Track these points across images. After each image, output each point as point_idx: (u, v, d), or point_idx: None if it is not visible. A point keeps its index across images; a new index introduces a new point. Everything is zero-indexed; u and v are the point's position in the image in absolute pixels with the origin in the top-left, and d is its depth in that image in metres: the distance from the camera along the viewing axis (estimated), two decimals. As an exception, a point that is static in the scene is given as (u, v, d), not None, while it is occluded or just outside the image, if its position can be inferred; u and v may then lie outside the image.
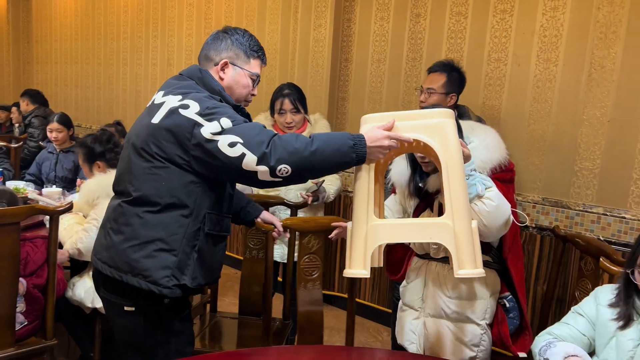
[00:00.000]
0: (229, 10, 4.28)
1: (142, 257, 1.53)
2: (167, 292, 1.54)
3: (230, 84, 1.67)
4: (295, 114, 2.68)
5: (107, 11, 5.50)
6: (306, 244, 2.20)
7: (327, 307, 3.75)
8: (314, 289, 2.20)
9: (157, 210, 1.54)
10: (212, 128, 1.48)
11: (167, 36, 4.86)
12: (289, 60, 3.83)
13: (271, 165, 1.45)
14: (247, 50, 1.68)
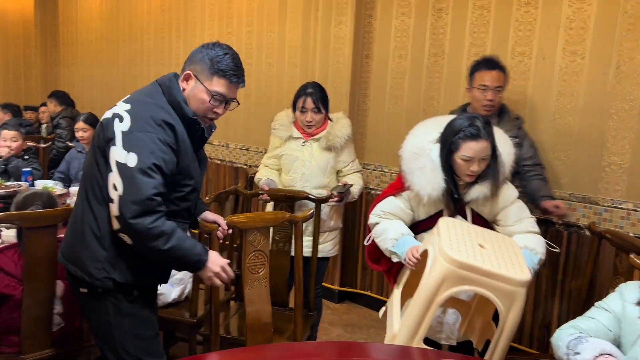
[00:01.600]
0: (250, 10, 4.30)
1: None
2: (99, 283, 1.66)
3: (189, 96, 1.69)
4: (316, 114, 2.68)
5: (132, 13, 5.59)
6: (252, 241, 2.10)
7: (349, 305, 3.74)
8: (261, 287, 2.13)
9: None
10: (119, 156, 1.55)
11: (189, 37, 4.91)
12: (310, 57, 3.83)
13: (118, 229, 1.57)
14: (211, 67, 1.66)
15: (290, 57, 4.03)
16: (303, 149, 2.72)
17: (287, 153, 2.75)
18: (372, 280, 3.69)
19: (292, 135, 2.74)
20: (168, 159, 1.60)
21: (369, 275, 3.70)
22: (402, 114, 3.45)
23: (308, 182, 2.71)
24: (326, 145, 2.70)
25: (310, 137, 2.72)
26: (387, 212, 2.05)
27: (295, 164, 2.72)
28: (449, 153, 1.89)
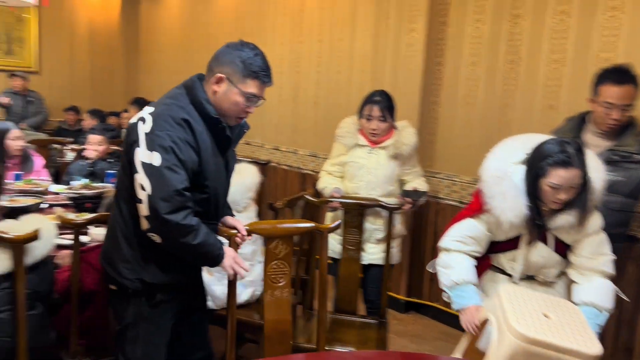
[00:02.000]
0: (321, 18, 4.37)
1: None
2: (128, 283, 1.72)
3: (221, 99, 1.71)
4: (382, 122, 2.68)
5: (208, 23, 5.82)
6: (273, 249, 2.02)
7: (415, 315, 3.68)
8: (282, 297, 2.06)
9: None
10: (143, 156, 1.59)
11: (261, 45, 4.98)
12: (380, 65, 3.82)
13: (147, 229, 1.62)
14: (244, 70, 1.69)
15: (359, 64, 4.05)
16: (369, 156, 2.73)
17: (352, 161, 2.75)
18: (439, 293, 3.61)
19: (359, 143, 2.75)
20: (189, 156, 1.64)
21: (436, 286, 3.62)
22: (474, 121, 3.37)
23: (374, 190, 2.71)
24: (394, 153, 2.71)
25: (377, 145, 2.72)
26: (465, 235, 1.96)
27: (361, 171, 2.72)
28: (535, 178, 1.78)
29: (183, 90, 1.74)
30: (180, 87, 1.77)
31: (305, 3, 4.50)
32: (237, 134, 1.85)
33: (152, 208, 1.58)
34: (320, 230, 2.11)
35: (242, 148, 5.29)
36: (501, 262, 1.99)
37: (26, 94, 6.06)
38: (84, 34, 7.39)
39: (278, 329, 2.05)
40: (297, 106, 4.65)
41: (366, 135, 2.74)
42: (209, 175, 1.72)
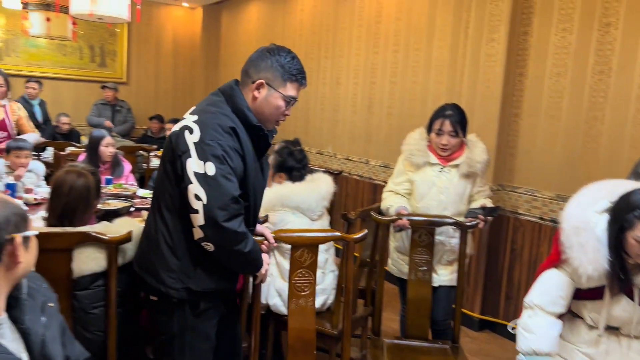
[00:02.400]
0: (397, 29, 4.36)
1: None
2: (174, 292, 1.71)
3: (262, 104, 1.73)
4: (453, 137, 2.53)
5: (285, 35, 5.98)
6: (298, 257, 2.03)
7: (489, 334, 3.56)
8: (306, 306, 2.05)
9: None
10: (196, 167, 1.59)
11: (337, 57, 5.11)
12: (457, 76, 3.76)
13: (201, 237, 1.62)
14: (284, 74, 1.72)
15: (436, 75, 4.00)
16: (440, 175, 2.57)
17: (422, 180, 2.59)
18: (516, 312, 3.47)
19: (429, 161, 2.58)
20: (238, 164, 1.66)
21: (512, 306, 3.49)
22: (558, 134, 3.22)
23: (446, 210, 2.55)
24: (467, 171, 2.55)
25: (449, 163, 2.57)
26: (554, 294, 1.79)
27: (432, 191, 2.57)
28: (619, 230, 1.63)
29: (222, 97, 1.76)
30: (218, 94, 1.78)
31: (382, 14, 4.52)
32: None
33: (209, 217, 1.58)
34: (346, 240, 2.09)
35: (314, 157, 5.36)
36: (581, 311, 1.82)
37: (115, 104, 6.50)
38: (168, 48, 7.83)
39: (302, 338, 2.06)
40: (371, 116, 4.66)
41: (436, 152, 2.59)
42: (250, 182, 1.73)
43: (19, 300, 1.17)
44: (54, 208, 1.88)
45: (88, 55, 7.25)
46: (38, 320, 1.19)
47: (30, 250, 1.15)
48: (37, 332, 1.18)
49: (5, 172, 3.21)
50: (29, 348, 1.16)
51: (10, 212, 1.10)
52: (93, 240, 1.76)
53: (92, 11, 3.20)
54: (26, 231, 1.13)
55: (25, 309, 1.18)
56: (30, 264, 1.16)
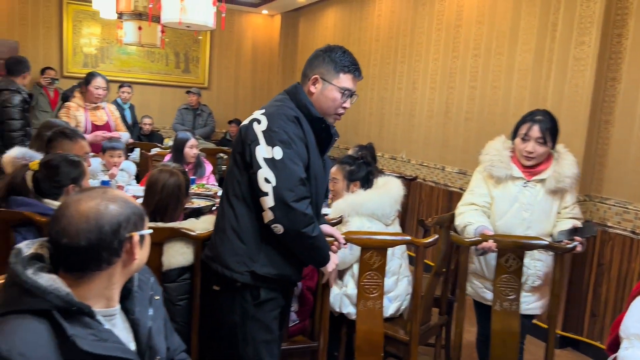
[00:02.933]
0: (478, 33, 4.25)
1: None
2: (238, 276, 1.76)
3: (319, 98, 1.82)
4: (540, 145, 2.27)
5: (361, 40, 6.00)
6: (367, 260, 2.04)
7: (572, 353, 3.37)
8: (374, 308, 2.04)
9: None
10: (265, 152, 1.69)
11: (414, 61, 5.06)
12: (543, 80, 3.60)
13: (271, 219, 1.68)
14: (336, 67, 1.81)
15: (519, 79, 3.86)
16: (524, 190, 2.31)
17: (503, 194, 2.33)
18: (602, 330, 3.27)
19: (513, 175, 2.32)
20: (302, 151, 1.74)
21: (598, 324, 3.28)
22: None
23: (529, 230, 2.28)
24: (554, 187, 2.28)
25: (534, 177, 2.31)
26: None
27: (514, 207, 2.31)
28: None
29: (286, 96, 1.86)
30: (282, 94, 1.88)
31: (462, 17, 4.42)
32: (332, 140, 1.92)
33: (278, 198, 1.66)
34: (416, 244, 2.06)
35: (387, 163, 5.33)
36: None
37: (197, 108, 6.81)
38: (248, 54, 8.10)
39: (369, 340, 2.06)
40: (448, 122, 4.57)
41: (520, 164, 2.33)
42: (312, 172, 1.79)
43: (131, 292, 1.25)
44: (147, 204, 2.00)
45: (173, 62, 7.65)
46: (146, 312, 1.27)
47: (145, 247, 1.22)
48: (145, 323, 1.25)
49: (101, 171, 3.45)
50: (137, 338, 1.23)
51: (131, 212, 1.16)
52: (181, 236, 1.86)
53: (181, 20, 3.38)
54: (143, 230, 1.19)
55: (136, 301, 1.25)
56: (144, 260, 1.23)
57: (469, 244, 2.20)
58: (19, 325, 1.02)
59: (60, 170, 1.99)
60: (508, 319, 2.21)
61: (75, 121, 3.94)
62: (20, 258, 1.10)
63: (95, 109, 4.10)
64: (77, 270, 1.12)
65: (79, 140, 2.56)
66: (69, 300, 1.06)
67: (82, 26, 7.08)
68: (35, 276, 1.07)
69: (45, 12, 6.88)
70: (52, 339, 1.04)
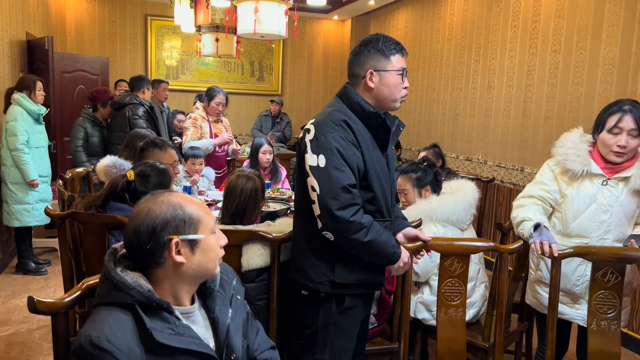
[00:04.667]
0: (557, 28, 4.07)
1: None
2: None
3: (380, 89, 1.79)
4: (635, 138, 2.02)
5: (432, 41, 5.92)
6: (448, 267, 1.97)
7: None
8: (456, 316, 1.96)
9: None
10: (311, 160, 1.70)
11: (488, 60, 4.92)
12: (631, 74, 3.38)
13: (321, 227, 1.70)
14: (385, 52, 1.78)
15: (603, 75, 3.65)
16: (603, 189, 2.09)
17: (578, 193, 2.11)
18: None
19: (591, 171, 2.09)
20: (352, 154, 1.71)
21: (699, 335, 3.03)
22: None
23: (610, 234, 2.09)
24: (639, 186, 2.05)
25: (615, 175, 2.08)
26: None
27: (591, 208, 2.10)
28: None
29: (338, 99, 1.85)
30: (335, 98, 1.87)
31: (540, 12, 4.25)
32: (394, 132, 1.86)
33: (323, 206, 1.67)
34: (500, 251, 1.98)
35: (462, 164, 5.21)
36: None
37: (277, 116, 7.08)
38: (319, 60, 8.22)
39: (451, 349, 2.01)
40: (527, 121, 4.40)
41: (601, 160, 2.11)
42: (371, 172, 1.76)
43: (213, 291, 1.33)
44: (227, 208, 2.10)
45: (248, 71, 7.92)
46: (226, 311, 1.33)
47: (201, 252, 1.24)
48: (224, 321, 1.32)
49: (184, 177, 3.66)
50: (216, 335, 1.30)
51: (172, 216, 1.20)
52: (259, 238, 1.94)
53: (255, 30, 3.51)
54: (191, 235, 1.22)
55: (217, 300, 1.33)
56: (202, 265, 1.25)
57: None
58: (108, 315, 1.14)
59: (151, 179, 2.17)
60: (608, 340, 2.01)
61: (201, 131, 4.23)
62: (114, 256, 1.22)
63: (216, 121, 4.39)
64: (138, 268, 1.22)
65: (168, 149, 2.74)
66: (149, 297, 1.16)
67: (164, 40, 7.52)
68: (123, 273, 1.18)
69: (132, 29, 7.38)
70: (134, 330, 1.14)
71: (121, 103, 4.50)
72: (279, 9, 3.60)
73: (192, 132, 4.19)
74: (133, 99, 4.50)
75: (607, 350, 2.00)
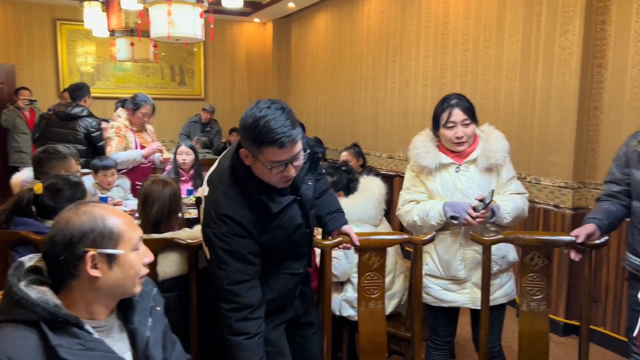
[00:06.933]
0: (465, 28, 4.28)
1: None
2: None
3: (255, 171, 1.65)
4: (467, 126, 2.15)
5: (352, 42, 6.04)
6: (366, 261, 2.03)
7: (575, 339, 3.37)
8: (376, 309, 2.04)
9: None
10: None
11: (404, 60, 5.09)
12: (531, 71, 3.63)
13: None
14: (256, 140, 1.56)
15: (508, 72, 3.88)
16: (459, 175, 2.18)
17: (442, 185, 2.20)
18: (604, 316, 3.28)
19: (442, 162, 2.19)
20: (233, 246, 1.65)
21: (601, 309, 3.29)
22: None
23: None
24: (487, 164, 2.17)
25: (465, 160, 2.19)
26: None
27: (455, 195, 2.18)
28: None
29: (230, 162, 1.69)
30: (229, 156, 1.71)
31: (449, 14, 4.46)
32: (309, 166, 1.79)
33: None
34: (414, 242, 2.05)
35: (385, 162, 5.36)
36: None
37: (207, 123, 6.98)
38: (242, 63, 8.16)
39: (373, 341, 2.05)
40: (442, 118, 4.59)
41: (447, 150, 2.22)
42: (267, 235, 1.70)
43: (132, 302, 1.29)
44: (147, 216, 2.03)
45: (169, 75, 7.72)
46: (146, 322, 1.29)
47: (119, 269, 1.20)
48: (143, 333, 1.28)
49: (97, 190, 3.48)
50: (134, 347, 1.26)
51: (90, 228, 1.16)
52: (175, 246, 1.89)
53: (169, 33, 3.43)
54: (110, 249, 1.18)
55: (136, 311, 1.28)
56: (120, 282, 1.21)
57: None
58: (11, 333, 1.09)
59: (63, 193, 2.06)
60: (537, 320, 2.12)
61: (126, 142, 3.93)
62: (18, 271, 1.16)
63: (141, 130, 4.08)
64: (53, 280, 1.19)
65: (68, 159, 2.59)
66: (55, 312, 1.11)
67: (76, 45, 7.17)
68: (27, 288, 1.12)
69: (40, 34, 6.98)
70: (40, 347, 1.09)
71: (72, 115, 4.14)
72: (194, 12, 3.54)
73: (116, 142, 3.88)
74: (83, 111, 4.18)
75: (536, 330, 2.11)
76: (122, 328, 1.27)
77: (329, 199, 2.04)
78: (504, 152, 2.18)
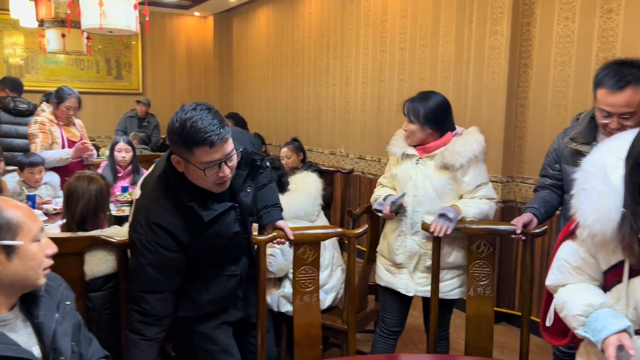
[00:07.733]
0: (403, 27, 4.38)
1: None
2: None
3: (189, 176, 1.67)
4: (411, 123, 2.29)
5: (294, 39, 6.05)
6: (301, 255, 2.06)
7: (505, 327, 3.55)
8: (311, 302, 2.10)
9: None
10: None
11: (345, 57, 5.15)
12: (464, 70, 3.76)
13: None
14: (185, 143, 1.57)
15: (442, 70, 4.01)
16: (417, 167, 2.26)
17: (402, 173, 2.32)
18: (532, 303, 3.45)
19: (407, 153, 2.30)
20: (158, 257, 1.69)
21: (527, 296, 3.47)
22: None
23: (420, 207, 2.24)
24: (442, 163, 2.20)
25: (426, 154, 2.26)
26: (568, 266, 1.47)
27: (408, 185, 2.27)
28: (636, 165, 1.24)
29: (162, 169, 1.71)
30: (162, 167, 1.72)
31: (387, 13, 4.55)
32: (248, 172, 1.81)
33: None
34: (348, 235, 2.12)
35: (327, 158, 5.41)
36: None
37: (143, 118, 6.68)
38: (182, 57, 7.98)
39: (308, 334, 2.09)
40: (381, 115, 4.69)
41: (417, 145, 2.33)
42: (199, 243, 1.71)
43: (37, 296, 1.27)
44: (72, 214, 1.96)
45: (104, 69, 7.44)
46: (52, 316, 1.28)
47: (19, 260, 1.19)
48: (49, 326, 1.26)
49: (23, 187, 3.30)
50: (41, 340, 1.25)
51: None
52: (103, 244, 1.84)
53: (101, 25, 3.31)
54: (5, 240, 1.16)
55: (41, 305, 1.27)
56: (20, 274, 1.19)
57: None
58: None
59: None
60: (482, 304, 2.24)
61: (52, 137, 3.68)
62: None
63: (68, 124, 3.82)
64: None
65: None
66: None
67: (3, 36, 6.79)
68: None
69: (-39, 22, 6.54)
70: None
71: (28, 111, 3.95)
72: (127, 3, 3.42)
73: (41, 139, 3.63)
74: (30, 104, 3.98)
75: (482, 313, 2.26)
76: (28, 323, 1.26)
77: (268, 192, 2.05)
78: (467, 157, 2.17)
